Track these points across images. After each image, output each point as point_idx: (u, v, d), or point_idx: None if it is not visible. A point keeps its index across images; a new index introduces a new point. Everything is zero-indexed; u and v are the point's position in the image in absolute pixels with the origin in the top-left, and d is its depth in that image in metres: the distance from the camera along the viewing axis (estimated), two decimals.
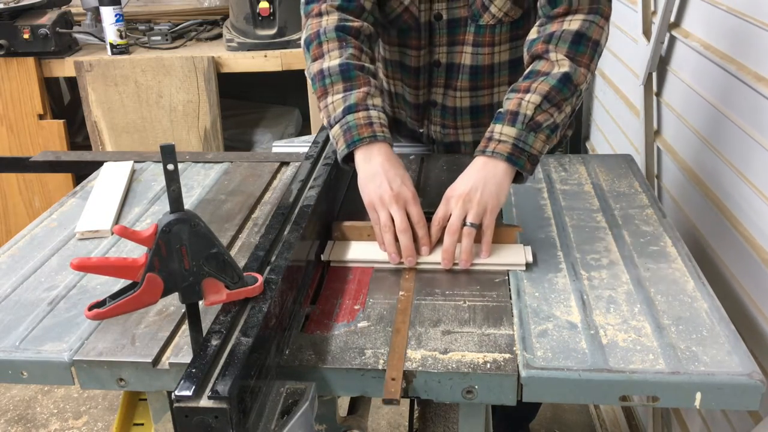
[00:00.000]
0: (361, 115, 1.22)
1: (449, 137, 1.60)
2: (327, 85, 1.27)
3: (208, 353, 0.80)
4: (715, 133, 1.54)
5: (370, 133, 1.20)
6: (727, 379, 0.89)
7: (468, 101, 1.53)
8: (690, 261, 1.16)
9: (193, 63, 2.64)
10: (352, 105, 1.23)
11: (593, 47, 1.24)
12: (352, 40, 1.31)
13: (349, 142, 1.21)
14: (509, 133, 1.18)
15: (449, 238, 1.15)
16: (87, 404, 2.43)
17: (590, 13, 1.25)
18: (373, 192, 1.18)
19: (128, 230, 0.83)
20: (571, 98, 1.21)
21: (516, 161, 1.17)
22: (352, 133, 1.21)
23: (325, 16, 1.34)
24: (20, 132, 2.77)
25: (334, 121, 1.24)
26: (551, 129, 1.19)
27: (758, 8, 1.35)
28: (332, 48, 1.29)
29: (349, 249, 1.22)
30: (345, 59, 1.27)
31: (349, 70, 1.26)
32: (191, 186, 1.52)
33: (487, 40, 1.45)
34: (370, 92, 1.25)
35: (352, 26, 1.32)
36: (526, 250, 1.18)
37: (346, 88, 1.25)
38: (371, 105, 1.24)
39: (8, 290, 1.14)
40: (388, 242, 1.16)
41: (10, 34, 2.62)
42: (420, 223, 1.17)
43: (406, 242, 1.15)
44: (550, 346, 0.96)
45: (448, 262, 1.15)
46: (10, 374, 0.98)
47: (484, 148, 1.19)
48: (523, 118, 1.17)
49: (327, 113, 1.27)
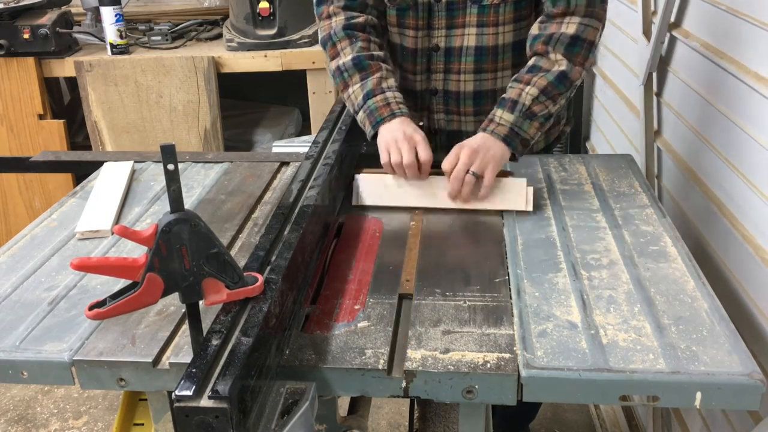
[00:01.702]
0: (378, 98, 1.42)
1: (452, 125, 1.62)
2: (346, 79, 1.46)
3: (208, 353, 0.80)
4: (715, 133, 1.54)
5: (389, 112, 1.40)
6: (727, 379, 0.89)
7: (471, 85, 1.55)
8: (690, 261, 1.16)
9: (193, 63, 2.64)
10: (369, 91, 1.42)
11: (588, 47, 1.39)
12: (360, 34, 1.48)
13: (374, 123, 1.41)
14: (508, 119, 1.36)
15: (454, 182, 1.33)
16: (87, 404, 2.43)
17: (586, 17, 1.38)
18: (389, 136, 1.37)
19: (128, 230, 0.83)
20: (566, 92, 1.39)
21: (510, 142, 1.35)
22: (374, 115, 1.41)
23: (334, 17, 1.51)
24: (20, 132, 2.77)
25: (358, 108, 1.44)
26: (545, 117, 1.38)
27: (758, 8, 1.35)
28: (344, 46, 1.48)
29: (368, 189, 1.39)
30: (356, 53, 1.46)
31: (361, 61, 1.45)
32: (191, 186, 1.52)
33: (492, 20, 1.48)
34: (383, 75, 1.44)
35: (358, 22, 1.49)
36: (528, 191, 1.35)
37: (362, 77, 1.44)
38: (386, 87, 1.43)
39: (8, 290, 1.14)
40: (396, 168, 1.35)
41: (10, 34, 2.62)
42: (425, 160, 1.35)
43: (411, 174, 1.35)
44: (551, 346, 0.96)
45: (454, 197, 1.35)
46: (10, 374, 0.98)
47: (485, 127, 1.38)
48: (521, 107, 1.36)
49: (351, 103, 1.46)
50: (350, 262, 1.20)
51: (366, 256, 1.22)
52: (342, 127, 1.50)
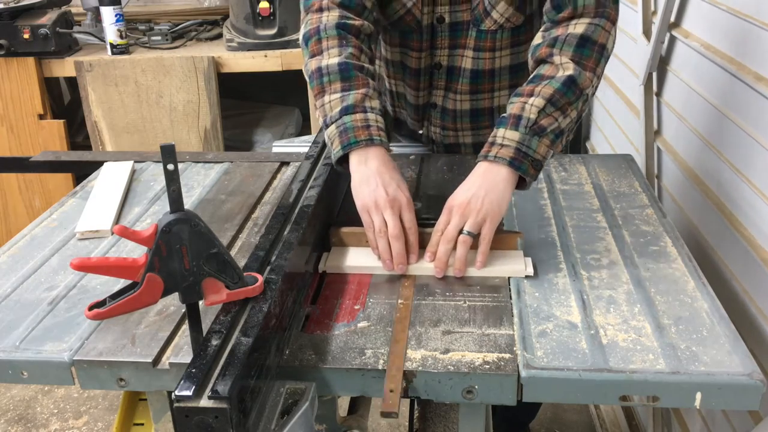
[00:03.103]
0: (358, 117, 1.19)
1: (449, 139, 1.61)
2: (325, 84, 1.24)
3: (208, 353, 0.80)
4: (716, 133, 1.54)
5: (366, 137, 1.18)
6: (728, 379, 0.89)
7: (468, 104, 1.53)
8: (690, 261, 1.16)
9: (193, 63, 2.64)
10: (350, 106, 1.20)
11: (599, 51, 1.21)
12: (353, 39, 1.28)
13: (344, 144, 1.18)
14: (512, 137, 1.15)
15: (443, 245, 1.13)
16: (87, 404, 2.43)
17: (596, 17, 1.22)
18: (367, 196, 1.16)
19: (128, 230, 0.83)
20: (577, 102, 1.18)
21: (519, 166, 1.14)
22: (349, 135, 1.18)
23: (326, 12, 1.30)
24: (20, 132, 2.77)
25: (330, 121, 1.21)
26: (556, 134, 1.16)
27: (758, 8, 1.35)
28: (332, 45, 1.26)
29: (345, 256, 1.19)
30: (344, 58, 1.24)
31: (348, 69, 1.23)
32: (191, 186, 1.52)
33: (488, 45, 1.44)
34: (368, 94, 1.22)
35: (353, 24, 1.29)
36: (527, 261, 1.15)
37: (344, 87, 1.22)
38: (369, 107, 1.21)
39: (8, 290, 1.14)
40: (382, 248, 1.14)
41: (10, 34, 2.62)
42: (412, 229, 1.15)
43: (398, 249, 1.13)
44: (550, 346, 0.96)
45: (440, 271, 1.13)
46: (10, 374, 0.98)
47: (487, 152, 1.17)
48: (527, 121, 1.15)
49: (323, 112, 1.24)
50: None
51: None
52: None
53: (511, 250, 1.18)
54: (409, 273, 1.15)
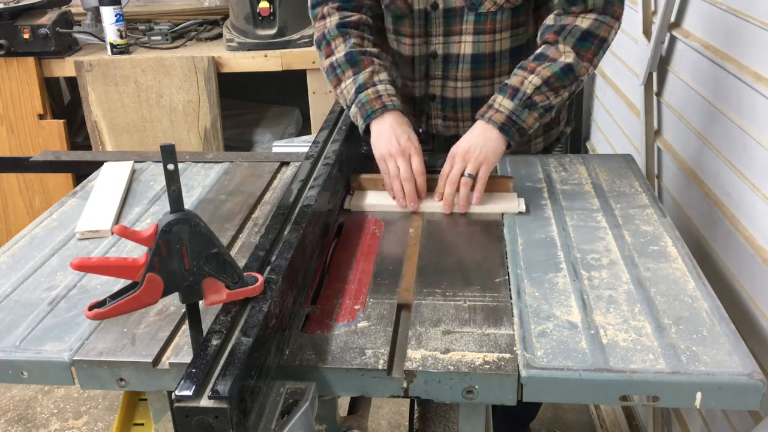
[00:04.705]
0: (370, 91, 1.40)
1: (450, 130, 1.61)
2: (339, 74, 1.46)
3: (208, 353, 0.80)
4: (716, 133, 1.54)
5: (380, 105, 1.39)
6: (728, 379, 0.89)
7: (469, 92, 1.55)
8: (690, 261, 1.16)
9: (193, 63, 2.64)
10: (361, 84, 1.41)
11: (599, 44, 1.36)
12: (353, 31, 1.48)
13: (365, 116, 1.40)
14: (507, 106, 1.34)
15: (449, 187, 1.34)
16: (87, 404, 2.43)
17: (603, 14, 1.36)
18: (383, 147, 1.37)
19: (128, 230, 0.83)
20: (570, 86, 1.36)
21: (507, 131, 1.34)
22: (366, 108, 1.40)
23: (328, 18, 1.51)
24: (20, 132, 2.77)
25: (350, 102, 1.43)
26: (545, 109, 1.35)
27: (758, 8, 1.35)
28: (338, 43, 1.47)
29: (365, 198, 1.41)
30: (349, 49, 1.45)
31: (353, 56, 1.44)
32: (191, 186, 1.52)
33: (488, 28, 1.47)
34: (375, 69, 1.43)
35: (351, 20, 1.49)
36: (520, 201, 1.35)
37: (354, 72, 1.43)
38: (378, 81, 1.42)
39: (8, 290, 1.14)
40: (396, 189, 1.36)
41: (10, 34, 2.62)
42: (419, 172, 1.36)
43: (410, 189, 1.35)
44: (551, 346, 0.96)
45: (448, 208, 1.35)
46: (10, 374, 0.98)
47: (484, 113, 1.36)
48: (522, 95, 1.33)
49: (343, 97, 1.46)
50: (350, 262, 1.20)
51: (366, 256, 1.22)
52: (342, 127, 1.50)
53: (506, 193, 1.39)
54: (420, 210, 1.37)
